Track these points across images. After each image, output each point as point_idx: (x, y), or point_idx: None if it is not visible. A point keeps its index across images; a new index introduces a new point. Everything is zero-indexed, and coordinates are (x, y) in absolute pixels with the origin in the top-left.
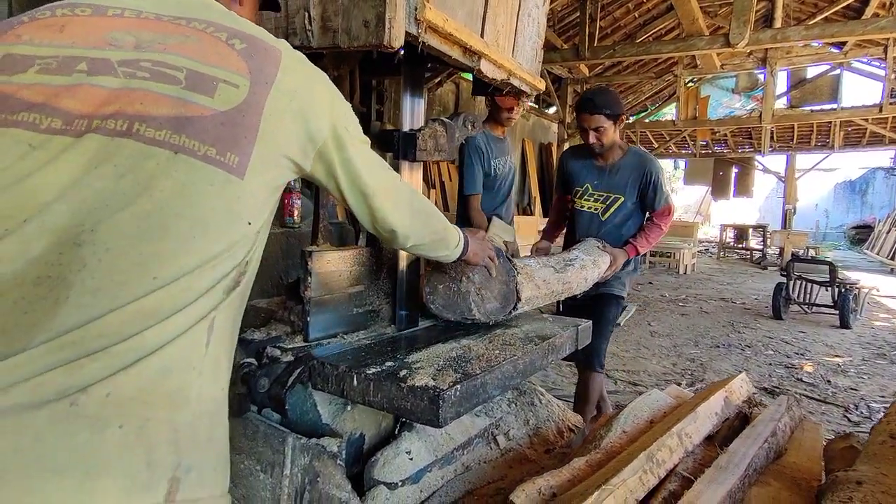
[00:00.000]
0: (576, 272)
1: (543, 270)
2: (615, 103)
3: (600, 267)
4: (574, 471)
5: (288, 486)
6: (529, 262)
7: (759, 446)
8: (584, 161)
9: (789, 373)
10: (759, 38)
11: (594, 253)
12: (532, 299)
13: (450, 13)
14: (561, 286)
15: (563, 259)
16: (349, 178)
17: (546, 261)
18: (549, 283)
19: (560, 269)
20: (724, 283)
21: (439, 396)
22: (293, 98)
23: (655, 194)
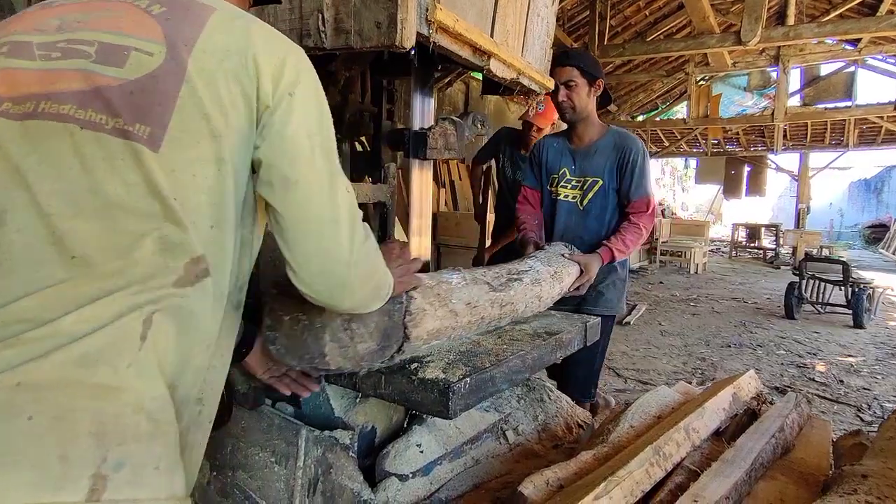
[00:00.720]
0: (524, 289)
1: (470, 289)
2: (592, 64)
3: (563, 280)
4: (581, 463)
5: (301, 477)
6: (451, 276)
7: (767, 441)
8: (561, 145)
9: (801, 372)
10: (772, 36)
11: (556, 262)
12: (443, 331)
13: (460, 13)
14: (498, 309)
15: (509, 271)
16: (272, 155)
17: (481, 274)
18: (479, 307)
19: (499, 286)
20: (736, 282)
21: (449, 388)
22: (225, 58)
23: (633, 179)
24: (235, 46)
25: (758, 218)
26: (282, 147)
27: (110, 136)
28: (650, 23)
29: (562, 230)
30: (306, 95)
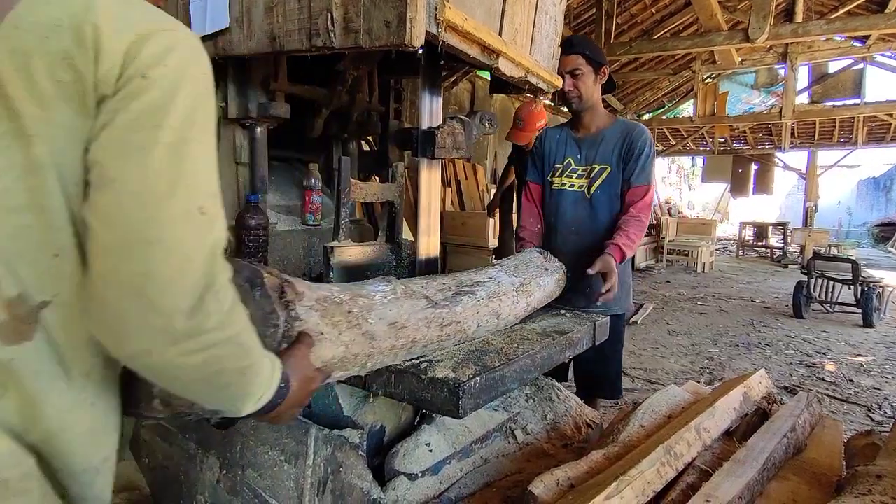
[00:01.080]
0: (476, 305)
1: (400, 305)
2: (597, 50)
3: (533, 294)
4: (592, 463)
5: (311, 475)
6: (376, 288)
7: (778, 441)
8: (564, 135)
9: (811, 372)
10: (780, 33)
11: (525, 273)
12: (351, 360)
13: (468, 12)
14: (438, 330)
15: (460, 283)
16: (99, 150)
17: (421, 285)
18: (409, 328)
19: (442, 301)
20: (744, 281)
21: (459, 388)
22: (52, 35)
23: (637, 164)
24: (69, 19)
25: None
26: (110, 137)
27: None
28: (657, 20)
29: (569, 221)
30: (171, 80)
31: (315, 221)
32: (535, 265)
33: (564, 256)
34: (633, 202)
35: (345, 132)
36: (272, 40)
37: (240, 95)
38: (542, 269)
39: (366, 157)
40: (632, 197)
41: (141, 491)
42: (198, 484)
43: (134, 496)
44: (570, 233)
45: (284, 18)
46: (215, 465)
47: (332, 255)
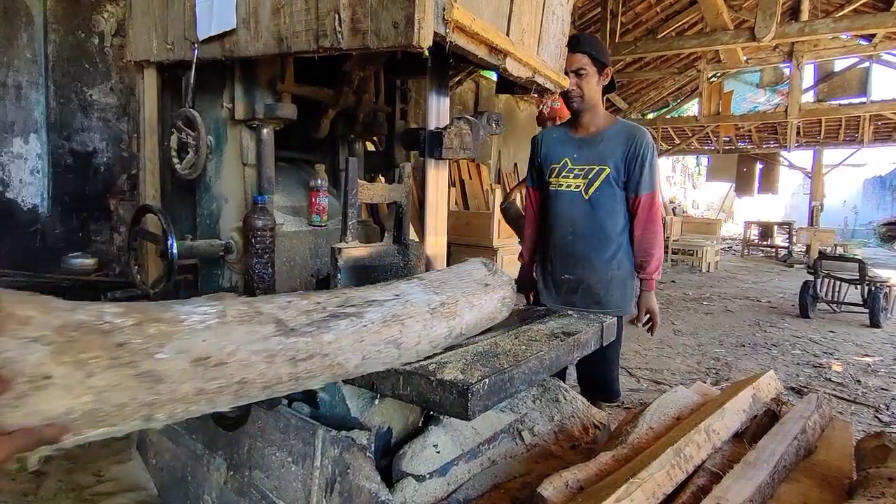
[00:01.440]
0: (358, 332)
1: (226, 331)
2: (603, 50)
3: (460, 316)
4: (601, 465)
5: (319, 477)
6: (195, 308)
7: (789, 443)
8: (562, 135)
9: (818, 372)
10: (786, 32)
11: (457, 287)
12: (107, 415)
13: (476, 12)
14: (287, 366)
15: (344, 301)
16: None
17: (280, 305)
18: (231, 364)
19: (301, 327)
20: (749, 281)
21: (468, 390)
22: None
23: (642, 171)
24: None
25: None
26: None
27: None
28: (661, 19)
29: (567, 222)
30: None
31: (321, 222)
32: (470, 279)
33: (563, 258)
34: (643, 215)
35: (351, 133)
36: (279, 41)
37: (246, 97)
38: (480, 285)
39: (371, 157)
40: (641, 208)
41: (148, 491)
42: (205, 484)
43: (141, 496)
44: (568, 233)
45: (291, 19)
46: (222, 466)
47: (340, 257)
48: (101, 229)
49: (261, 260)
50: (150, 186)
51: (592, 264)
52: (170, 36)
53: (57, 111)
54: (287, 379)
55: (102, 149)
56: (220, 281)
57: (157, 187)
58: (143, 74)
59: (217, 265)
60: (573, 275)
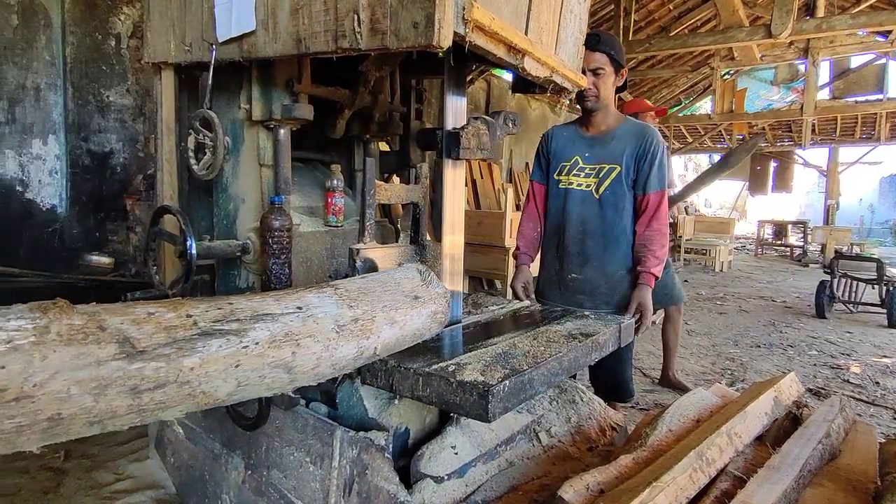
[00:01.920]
0: (234, 355)
1: (43, 354)
2: (621, 50)
3: (378, 334)
4: (621, 468)
5: (337, 477)
6: (5, 323)
7: (813, 447)
8: (573, 133)
9: (835, 373)
10: (803, 28)
11: (378, 299)
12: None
13: (495, 11)
14: (126, 398)
15: (229, 315)
16: None
17: (131, 319)
18: (46, 398)
19: (156, 349)
20: (763, 280)
21: (489, 392)
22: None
23: (651, 170)
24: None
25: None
26: None
27: None
28: (674, 17)
29: (576, 221)
30: None
31: (337, 223)
32: (398, 290)
33: (571, 257)
34: (650, 212)
35: (366, 133)
36: (298, 42)
37: (263, 97)
38: (409, 298)
39: (385, 157)
40: (648, 206)
41: (166, 490)
42: (223, 484)
43: (159, 495)
44: (577, 232)
45: (310, 20)
46: (240, 466)
47: (358, 258)
48: (118, 229)
49: (278, 260)
50: (167, 187)
51: (601, 264)
52: (187, 37)
53: (75, 112)
54: (125, 412)
55: (119, 149)
56: (236, 281)
57: (175, 188)
58: (161, 76)
59: (234, 265)
60: (581, 274)
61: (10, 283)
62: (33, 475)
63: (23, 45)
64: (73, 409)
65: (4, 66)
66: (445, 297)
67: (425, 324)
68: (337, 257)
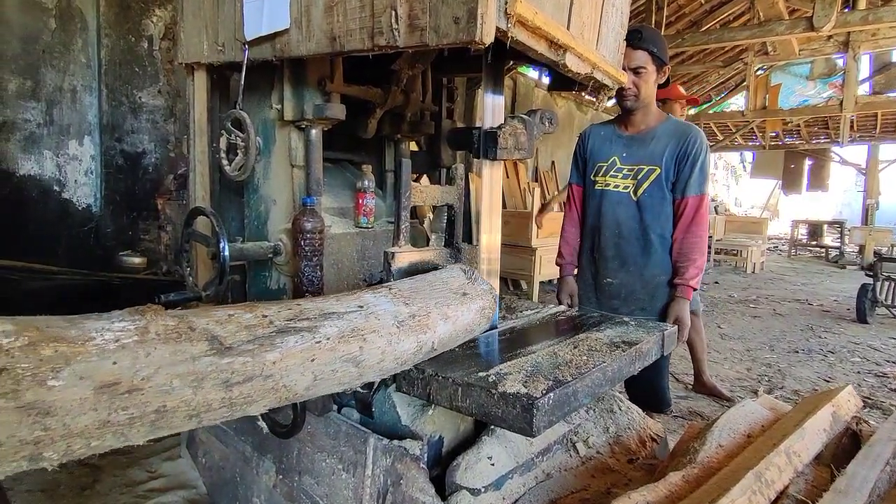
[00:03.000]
0: (310, 350)
1: (145, 353)
2: (663, 47)
3: (433, 329)
4: (671, 486)
5: (370, 486)
6: (111, 325)
7: (882, 469)
8: (610, 132)
9: (881, 382)
10: (847, 20)
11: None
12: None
13: (538, 5)
14: (218, 391)
15: (299, 314)
16: None
17: (216, 320)
18: (152, 391)
19: (241, 346)
20: (798, 283)
21: (533, 405)
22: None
23: (692, 172)
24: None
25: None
26: None
27: None
28: (706, 11)
29: (612, 224)
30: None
31: (368, 224)
32: (446, 288)
33: (606, 261)
34: (688, 218)
35: (398, 133)
36: (332, 40)
37: (295, 97)
38: (458, 295)
39: (415, 157)
40: (687, 210)
41: (198, 490)
42: (254, 487)
43: (191, 494)
44: (613, 235)
45: (345, 17)
46: (271, 469)
47: (393, 261)
48: (149, 228)
49: (310, 263)
50: (199, 188)
51: (639, 269)
52: (220, 37)
53: (109, 114)
54: (218, 406)
55: (151, 150)
56: (268, 283)
57: (207, 189)
58: (194, 76)
59: (265, 267)
60: (616, 279)
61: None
62: (71, 471)
63: (60, 48)
64: (175, 402)
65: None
66: (491, 292)
67: (475, 319)
68: (368, 259)
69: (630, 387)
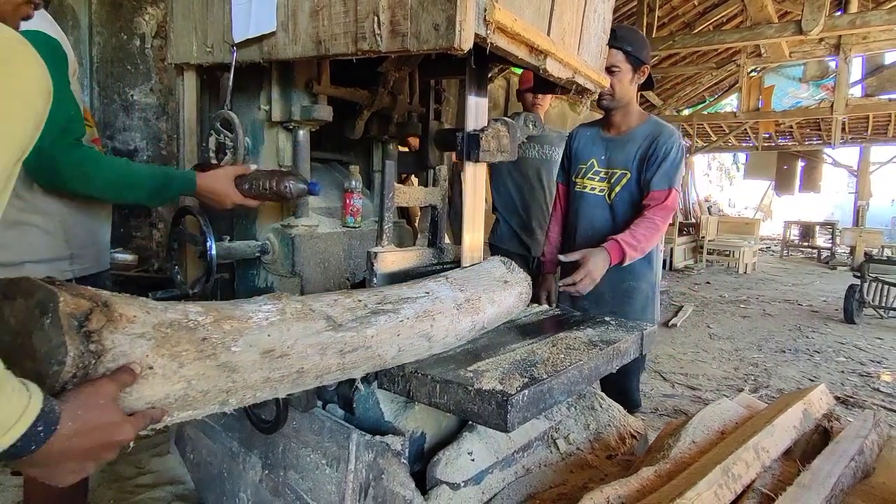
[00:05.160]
0: (395, 326)
1: (286, 327)
2: (640, 45)
3: (482, 311)
4: (642, 481)
5: (353, 481)
6: (259, 307)
7: (846, 465)
8: (595, 133)
9: (865, 382)
10: (836, 24)
11: (478, 284)
12: (193, 400)
13: (517, 12)
14: (337, 357)
15: (382, 299)
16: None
17: (328, 303)
18: (293, 356)
19: (348, 323)
20: (789, 283)
21: (507, 401)
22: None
23: (659, 168)
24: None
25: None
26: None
27: None
28: (699, 13)
29: (587, 227)
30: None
31: (355, 224)
32: (491, 277)
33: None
34: (649, 206)
35: (385, 134)
36: (318, 44)
37: (283, 99)
38: (500, 282)
39: (403, 157)
40: (649, 201)
41: (186, 485)
42: (240, 482)
43: (179, 490)
44: (587, 238)
45: (330, 22)
46: (258, 465)
47: (376, 261)
48: (141, 225)
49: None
50: None
51: (608, 272)
52: (209, 39)
53: (101, 111)
54: (335, 369)
55: (143, 147)
56: (255, 281)
57: None
58: (184, 77)
59: (253, 265)
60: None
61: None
62: None
63: None
64: (309, 365)
65: None
66: (527, 280)
67: (514, 303)
68: (354, 258)
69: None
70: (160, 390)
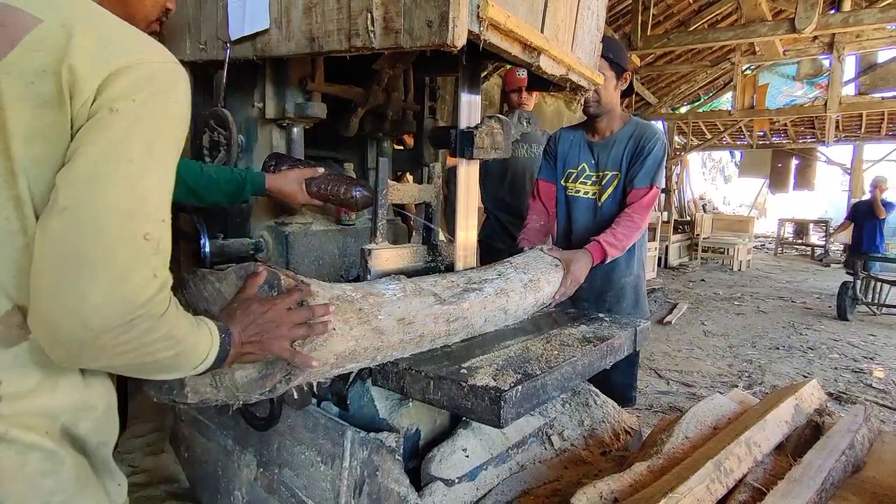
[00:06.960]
0: (483, 301)
1: (409, 302)
2: (622, 54)
3: (542, 290)
4: (636, 476)
5: (347, 478)
6: (387, 286)
7: (837, 459)
8: (580, 138)
9: (857, 378)
10: (829, 23)
11: (534, 269)
12: (361, 353)
13: (511, 9)
14: (445, 325)
15: (469, 280)
16: (60, 175)
17: (431, 283)
18: (417, 323)
19: (449, 298)
20: (783, 280)
21: (501, 397)
22: (38, 80)
23: (642, 166)
24: (52, 65)
25: (806, 213)
26: (74, 165)
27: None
28: (694, 11)
29: (579, 230)
30: (136, 113)
31: (349, 221)
32: (544, 262)
33: None
34: (632, 203)
35: (380, 131)
36: (311, 41)
37: (277, 96)
38: (551, 266)
39: (398, 155)
40: (631, 198)
41: (180, 484)
42: (235, 480)
43: (173, 488)
44: (580, 241)
45: (323, 19)
46: (252, 463)
47: (370, 258)
48: None
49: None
50: None
51: (605, 273)
52: (202, 36)
53: None
54: (443, 334)
55: None
56: None
57: None
58: None
59: None
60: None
61: None
62: None
63: None
64: (427, 331)
65: None
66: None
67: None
68: (349, 255)
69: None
70: (340, 346)
